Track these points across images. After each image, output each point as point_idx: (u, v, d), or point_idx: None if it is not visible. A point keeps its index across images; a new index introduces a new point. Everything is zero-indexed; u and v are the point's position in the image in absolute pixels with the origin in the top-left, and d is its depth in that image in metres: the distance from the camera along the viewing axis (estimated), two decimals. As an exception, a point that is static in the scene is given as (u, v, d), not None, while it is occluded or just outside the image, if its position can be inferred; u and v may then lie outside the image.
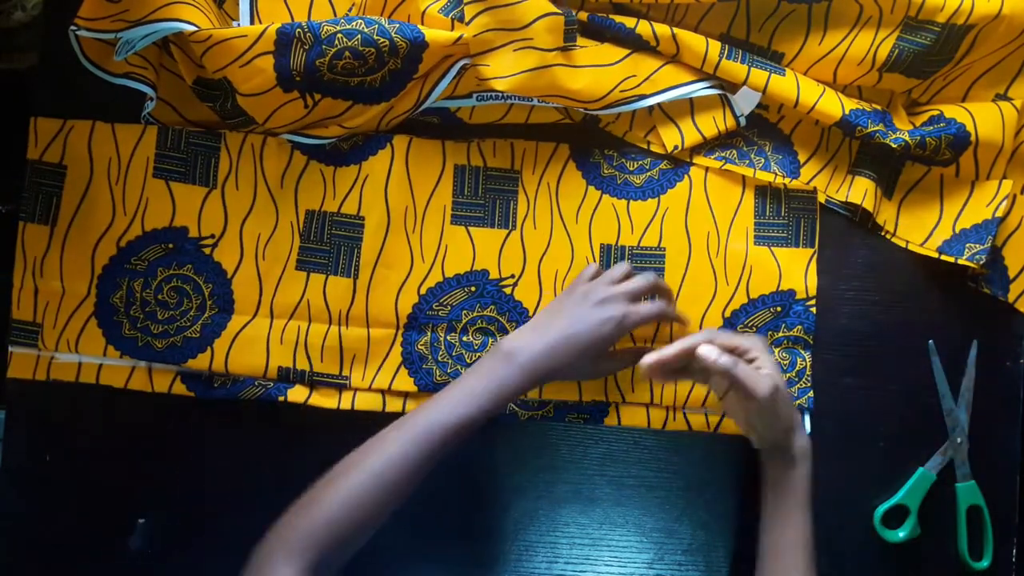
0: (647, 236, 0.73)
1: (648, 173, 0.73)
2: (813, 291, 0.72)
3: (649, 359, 0.64)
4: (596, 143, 0.73)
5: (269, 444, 0.73)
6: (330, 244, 0.72)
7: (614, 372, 0.70)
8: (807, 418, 0.71)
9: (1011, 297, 0.73)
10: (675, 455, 0.73)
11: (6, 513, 0.73)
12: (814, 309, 0.72)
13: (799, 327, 0.72)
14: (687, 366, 0.65)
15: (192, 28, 0.64)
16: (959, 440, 0.72)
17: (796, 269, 0.72)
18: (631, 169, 0.73)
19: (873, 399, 0.73)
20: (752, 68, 0.69)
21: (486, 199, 0.73)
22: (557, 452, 0.73)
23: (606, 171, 0.73)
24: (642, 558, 0.74)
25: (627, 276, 0.68)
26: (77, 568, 0.73)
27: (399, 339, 0.72)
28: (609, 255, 0.73)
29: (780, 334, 0.72)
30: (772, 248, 0.72)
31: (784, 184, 0.72)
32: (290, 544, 0.58)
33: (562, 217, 0.73)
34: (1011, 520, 0.73)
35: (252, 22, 0.71)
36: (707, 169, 0.73)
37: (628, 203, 0.73)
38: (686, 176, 0.73)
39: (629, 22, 0.69)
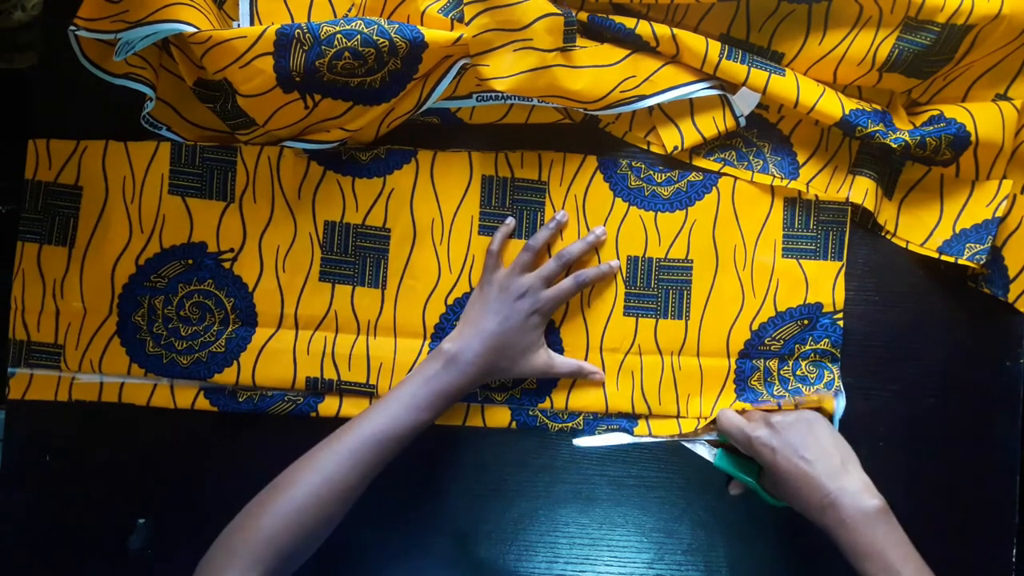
0: (674, 248, 0.73)
1: (676, 185, 0.73)
2: (840, 304, 0.72)
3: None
4: (624, 154, 0.73)
5: (268, 445, 0.73)
6: (355, 256, 0.72)
7: (549, 374, 0.70)
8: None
9: (1011, 297, 0.73)
10: (675, 455, 0.73)
11: (6, 513, 0.73)
12: (841, 322, 0.72)
13: (826, 340, 0.71)
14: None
15: (192, 29, 0.64)
16: None
17: (824, 282, 0.72)
18: (659, 181, 0.73)
19: (873, 399, 0.73)
20: (752, 68, 0.69)
21: (513, 210, 0.73)
22: (557, 452, 0.73)
23: (633, 183, 0.73)
24: (642, 558, 0.74)
25: (536, 254, 0.70)
26: (77, 568, 0.73)
27: (426, 349, 0.72)
28: (636, 267, 0.72)
29: (807, 347, 0.72)
30: (800, 260, 0.72)
31: (815, 196, 0.72)
32: (240, 559, 0.57)
33: (589, 229, 0.72)
34: (1011, 520, 0.73)
35: (252, 23, 0.71)
36: (735, 180, 0.72)
37: (656, 215, 0.73)
38: (714, 188, 0.72)
39: (629, 22, 0.69)
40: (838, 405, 0.70)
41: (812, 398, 0.70)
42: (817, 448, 0.64)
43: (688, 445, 0.71)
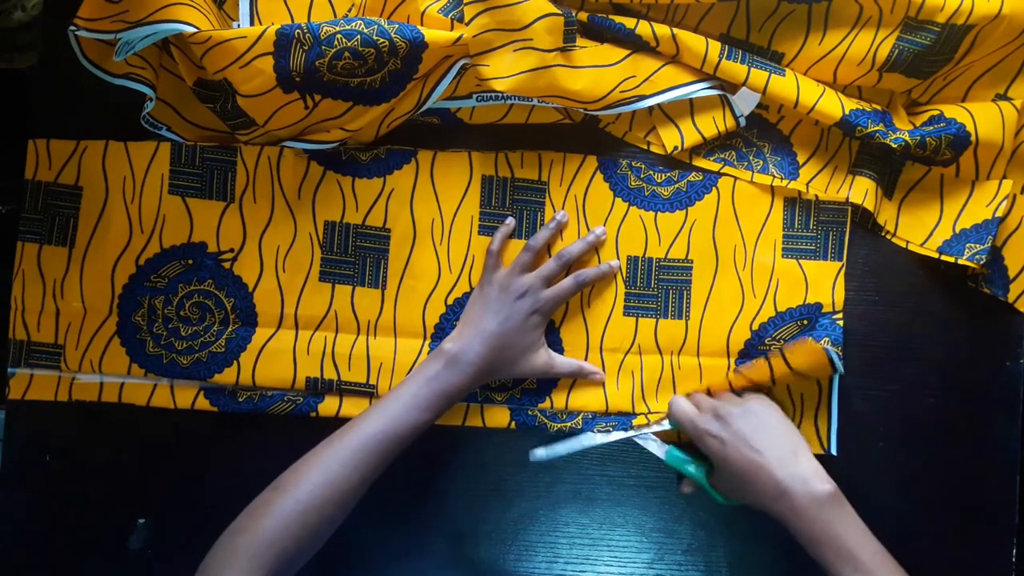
0: (674, 248, 0.73)
1: (676, 185, 0.73)
2: (840, 304, 0.72)
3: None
4: (624, 154, 0.73)
5: (268, 445, 0.73)
6: (355, 256, 0.72)
7: (549, 374, 0.71)
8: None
9: (1011, 297, 0.73)
10: (675, 455, 0.73)
11: (6, 513, 0.73)
12: (841, 322, 0.71)
13: (826, 339, 0.71)
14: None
15: (192, 29, 0.64)
16: None
17: (824, 282, 0.72)
18: (659, 181, 0.73)
19: (873, 399, 0.73)
20: (752, 68, 0.69)
21: (513, 210, 0.73)
22: (557, 452, 0.74)
23: (633, 183, 0.73)
24: (642, 558, 0.74)
25: (536, 254, 0.70)
26: (77, 568, 0.73)
27: (426, 349, 0.72)
28: (636, 267, 0.72)
29: None
30: (800, 260, 0.72)
31: (815, 196, 0.72)
32: (241, 561, 0.57)
33: (589, 229, 0.72)
34: (1011, 520, 0.73)
35: (252, 23, 0.71)
36: (735, 180, 0.72)
37: (656, 215, 0.73)
38: (714, 188, 0.72)
39: (629, 23, 0.69)
40: (835, 375, 0.71)
41: (811, 345, 0.67)
42: (767, 438, 0.64)
43: (640, 442, 0.71)
